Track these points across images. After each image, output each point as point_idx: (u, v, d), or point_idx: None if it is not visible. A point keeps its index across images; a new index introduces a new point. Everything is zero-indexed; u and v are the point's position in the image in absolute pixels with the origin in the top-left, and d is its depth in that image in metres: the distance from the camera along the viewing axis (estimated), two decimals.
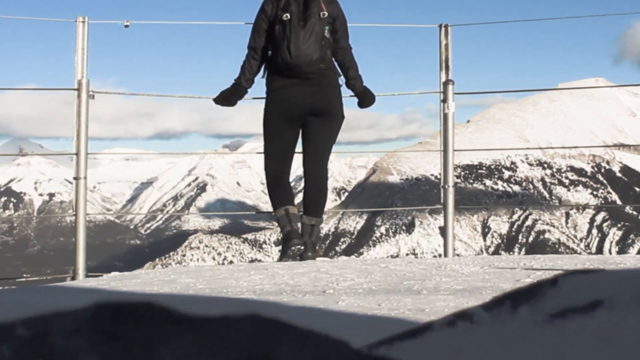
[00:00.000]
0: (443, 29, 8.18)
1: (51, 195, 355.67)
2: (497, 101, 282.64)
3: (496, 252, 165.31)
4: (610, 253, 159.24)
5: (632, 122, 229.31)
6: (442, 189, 7.65)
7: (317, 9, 6.02)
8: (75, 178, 7.45)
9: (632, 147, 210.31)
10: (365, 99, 6.54)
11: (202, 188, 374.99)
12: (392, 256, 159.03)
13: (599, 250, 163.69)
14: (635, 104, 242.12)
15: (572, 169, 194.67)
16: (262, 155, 6.34)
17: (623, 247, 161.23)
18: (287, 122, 6.18)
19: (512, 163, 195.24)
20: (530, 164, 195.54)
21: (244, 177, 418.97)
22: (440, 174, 7.81)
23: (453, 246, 7.45)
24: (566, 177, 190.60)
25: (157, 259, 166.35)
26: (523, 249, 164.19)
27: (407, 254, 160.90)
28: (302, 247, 5.98)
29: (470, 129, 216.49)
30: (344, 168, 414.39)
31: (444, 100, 7.86)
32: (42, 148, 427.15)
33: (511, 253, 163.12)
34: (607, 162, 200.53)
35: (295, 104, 6.12)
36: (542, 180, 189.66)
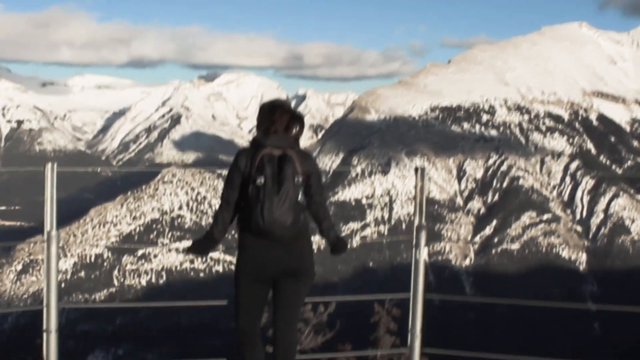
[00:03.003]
0: (419, 171, 8.38)
1: (19, 122, 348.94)
2: (480, 42, 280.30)
3: (470, 197, 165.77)
4: (582, 202, 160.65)
5: (612, 70, 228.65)
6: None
7: (291, 172, 6.08)
8: (44, 330, 7.17)
9: (610, 96, 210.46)
10: (338, 247, 6.62)
11: (176, 120, 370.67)
12: (366, 197, 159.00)
13: (571, 198, 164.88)
14: (617, 52, 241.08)
15: (550, 115, 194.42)
16: (238, 89, 5.33)
17: (595, 196, 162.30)
18: (258, 281, 6.29)
19: (491, 107, 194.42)
20: (509, 109, 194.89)
21: (219, 110, 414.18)
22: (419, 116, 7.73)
23: None
24: (543, 124, 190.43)
25: (129, 192, 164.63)
26: (497, 194, 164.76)
27: (381, 195, 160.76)
28: None
29: (451, 69, 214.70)
30: (322, 105, 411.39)
31: (416, 246, 8.21)
32: (10, 72, 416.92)
33: (484, 197, 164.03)
34: (585, 110, 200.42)
35: (266, 265, 6.22)
36: (520, 125, 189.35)
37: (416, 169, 8.44)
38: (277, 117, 6.33)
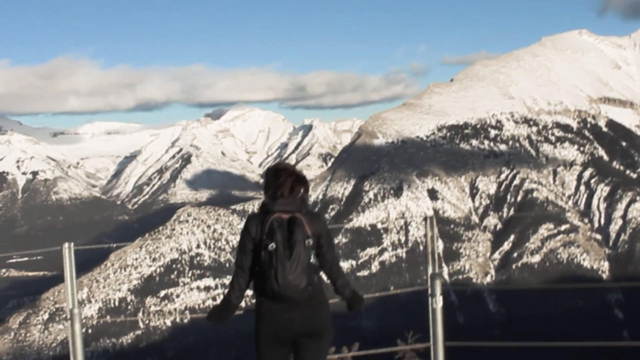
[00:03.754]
0: (428, 220, 8.36)
1: (34, 173, 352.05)
2: (480, 58, 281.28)
3: (485, 213, 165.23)
4: (598, 210, 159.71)
5: (616, 75, 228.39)
6: None
7: (302, 235, 6.21)
8: None
9: (617, 101, 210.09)
10: (354, 303, 6.81)
11: (186, 159, 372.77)
12: (381, 222, 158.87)
13: (587, 207, 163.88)
14: (620, 56, 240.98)
15: (558, 125, 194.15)
16: (245, 124, 5.56)
17: (611, 202, 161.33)
18: (277, 344, 6.43)
19: (498, 122, 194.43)
20: (516, 122, 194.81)
21: (228, 146, 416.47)
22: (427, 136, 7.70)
23: None
24: (552, 134, 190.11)
25: (147, 234, 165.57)
26: (512, 209, 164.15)
27: (396, 219, 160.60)
28: None
29: (454, 87, 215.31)
30: (329, 133, 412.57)
31: (432, 295, 8.06)
32: (21, 125, 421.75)
33: (500, 213, 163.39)
34: (593, 117, 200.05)
35: (285, 328, 6.37)
36: (529, 137, 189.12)
37: (425, 218, 8.49)
38: (282, 181, 6.48)
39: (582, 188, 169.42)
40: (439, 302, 8.00)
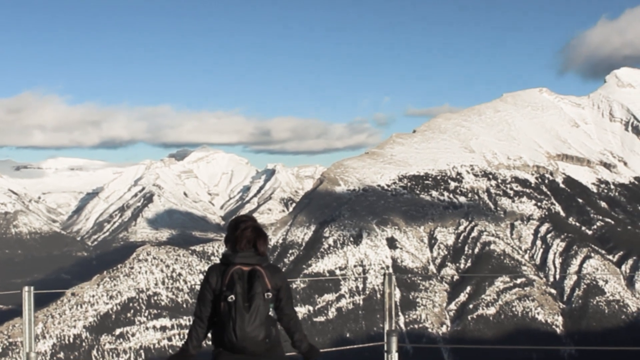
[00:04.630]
0: (387, 277, 8.56)
1: None
2: (443, 111, 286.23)
3: (442, 264, 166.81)
4: (554, 264, 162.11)
5: (575, 133, 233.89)
6: None
7: (261, 288, 6.35)
8: None
9: (575, 158, 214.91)
10: (311, 356, 6.93)
11: (148, 198, 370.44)
12: (340, 268, 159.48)
13: (543, 262, 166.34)
14: (579, 115, 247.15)
15: (517, 179, 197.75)
16: (209, 166, 6.33)
17: (566, 258, 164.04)
18: None
19: (458, 174, 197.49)
20: (476, 175, 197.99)
21: (191, 187, 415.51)
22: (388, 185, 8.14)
23: None
24: (511, 188, 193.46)
25: (105, 272, 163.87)
26: (469, 260, 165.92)
27: (354, 266, 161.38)
28: None
29: (416, 139, 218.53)
30: (291, 178, 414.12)
31: (388, 352, 8.21)
32: None
33: (457, 264, 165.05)
34: (551, 173, 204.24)
35: None
36: (488, 191, 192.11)
37: (384, 274, 8.53)
38: (240, 233, 6.63)
39: (539, 242, 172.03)
40: (394, 359, 8.14)
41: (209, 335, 6.74)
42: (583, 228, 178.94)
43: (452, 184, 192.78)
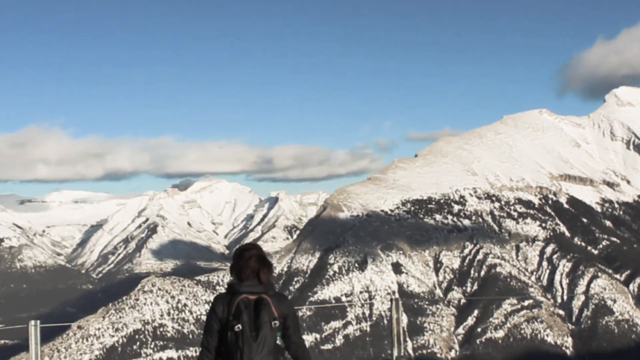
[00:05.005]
0: (394, 302, 8.65)
1: (0, 240, 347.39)
2: (444, 134, 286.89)
3: (449, 288, 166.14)
4: (561, 285, 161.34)
5: (576, 153, 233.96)
6: None
7: (268, 317, 6.33)
8: None
9: (577, 178, 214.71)
10: None
11: (152, 229, 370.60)
12: (346, 295, 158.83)
13: (550, 283, 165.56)
14: (579, 134, 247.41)
15: (520, 201, 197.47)
16: (212, 195, 6.31)
17: (573, 278, 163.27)
18: None
19: (461, 197, 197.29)
20: (479, 198, 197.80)
21: (194, 217, 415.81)
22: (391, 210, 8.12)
23: None
24: (514, 210, 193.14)
25: (110, 304, 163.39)
26: (476, 283, 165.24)
27: (360, 292, 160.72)
28: None
29: (418, 163, 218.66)
30: (295, 206, 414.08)
31: None
32: None
33: (464, 287, 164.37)
34: (554, 194, 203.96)
35: None
36: (491, 213, 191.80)
37: (391, 299, 8.63)
38: (247, 263, 6.67)
39: (545, 264, 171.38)
40: None
41: None
42: (589, 248, 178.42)
43: (456, 207, 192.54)
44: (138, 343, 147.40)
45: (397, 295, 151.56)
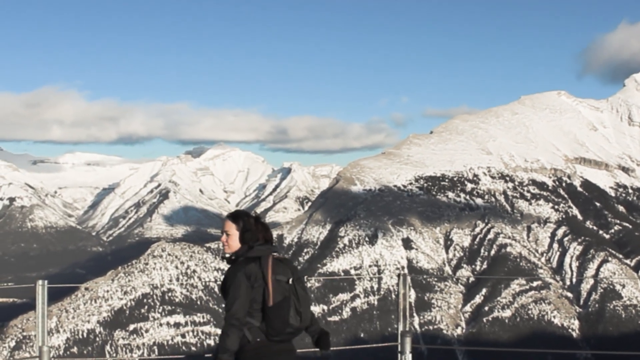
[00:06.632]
0: (401, 277, 8.58)
1: (11, 199, 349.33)
2: (461, 112, 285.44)
3: (458, 265, 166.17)
4: (570, 268, 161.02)
5: (593, 136, 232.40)
6: None
7: (298, 273, 6.33)
8: None
9: (592, 162, 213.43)
10: (323, 341, 6.61)
11: (164, 195, 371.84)
12: (355, 268, 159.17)
13: (560, 265, 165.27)
14: (597, 118, 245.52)
15: (534, 182, 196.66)
16: (225, 163, 6.13)
17: (583, 262, 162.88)
18: None
19: (475, 175, 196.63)
20: (493, 177, 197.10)
21: (207, 184, 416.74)
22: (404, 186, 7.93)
23: None
24: (528, 191, 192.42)
25: (120, 267, 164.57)
26: (485, 262, 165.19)
27: (369, 266, 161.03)
28: None
29: (433, 139, 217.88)
30: (307, 177, 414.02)
31: (402, 352, 8.18)
32: (2, 151, 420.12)
33: (473, 266, 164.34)
34: (569, 177, 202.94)
35: None
36: (505, 193, 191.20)
37: (399, 275, 8.50)
38: (258, 227, 6.48)
39: (555, 245, 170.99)
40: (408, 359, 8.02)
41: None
42: (600, 232, 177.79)
43: (469, 186, 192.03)
44: (146, 307, 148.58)
45: (405, 271, 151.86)
